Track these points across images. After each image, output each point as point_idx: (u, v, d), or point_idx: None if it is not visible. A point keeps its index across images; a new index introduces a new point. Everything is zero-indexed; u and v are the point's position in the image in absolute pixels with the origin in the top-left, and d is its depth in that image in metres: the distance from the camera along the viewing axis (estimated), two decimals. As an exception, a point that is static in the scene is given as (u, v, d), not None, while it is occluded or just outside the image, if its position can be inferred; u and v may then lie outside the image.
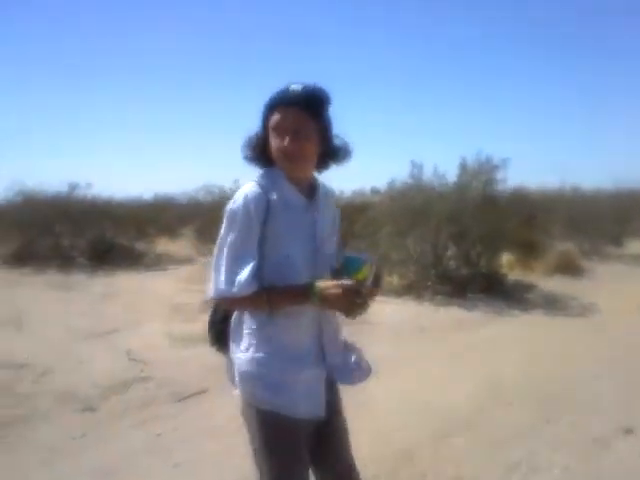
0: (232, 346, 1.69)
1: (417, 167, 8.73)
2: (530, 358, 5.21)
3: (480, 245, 8.54)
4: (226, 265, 1.55)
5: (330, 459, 1.80)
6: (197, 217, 14.86)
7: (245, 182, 1.63)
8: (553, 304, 7.81)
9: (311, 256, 1.63)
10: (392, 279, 8.36)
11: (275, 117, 1.56)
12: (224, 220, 1.58)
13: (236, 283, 1.52)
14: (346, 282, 1.47)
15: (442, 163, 9.39)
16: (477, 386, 4.39)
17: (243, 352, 1.63)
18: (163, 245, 15.28)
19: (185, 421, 3.81)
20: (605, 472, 3.00)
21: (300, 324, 1.63)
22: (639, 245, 14.38)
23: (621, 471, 3.01)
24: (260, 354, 1.60)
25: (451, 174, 8.71)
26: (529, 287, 8.87)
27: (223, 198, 11.28)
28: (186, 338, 5.82)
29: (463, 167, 8.52)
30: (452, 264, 8.57)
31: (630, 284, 9.31)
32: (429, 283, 8.23)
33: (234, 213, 1.56)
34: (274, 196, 1.57)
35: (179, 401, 4.18)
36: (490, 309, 7.42)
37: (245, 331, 1.64)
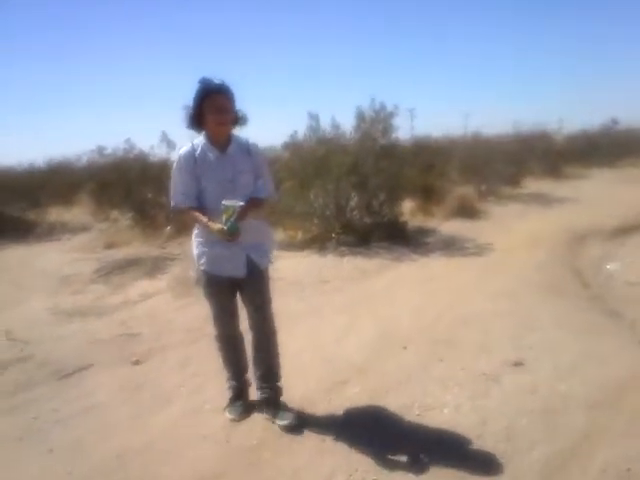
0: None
1: (314, 118, 8.52)
2: (426, 301, 5.31)
3: (382, 194, 8.57)
4: (173, 190, 2.80)
5: (250, 319, 3.01)
6: (93, 182, 13.85)
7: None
8: (451, 246, 8.05)
9: (229, 185, 2.73)
10: (295, 233, 8.26)
11: (211, 101, 2.64)
12: (173, 167, 2.81)
13: (177, 201, 2.80)
14: (217, 228, 2.61)
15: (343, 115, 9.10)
16: (373, 334, 4.40)
17: (194, 239, 2.93)
18: (57, 214, 14.21)
19: (64, 401, 3.50)
20: (494, 407, 3.07)
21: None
22: (534, 184, 15.25)
23: (509, 405, 3.10)
24: (199, 239, 2.88)
25: (349, 125, 8.58)
26: (429, 232, 9.09)
27: (118, 159, 10.55)
28: (73, 312, 5.42)
29: (359, 116, 8.40)
30: (355, 214, 8.57)
31: (523, 222, 9.82)
32: (333, 235, 8.19)
33: (176, 161, 2.80)
34: (198, 151, 2.75)
35: (59, 380, 3.86)
36: (392, 256, 7.52)
37: (195, 229, 2.92)
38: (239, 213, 2.58)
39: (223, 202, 2.57)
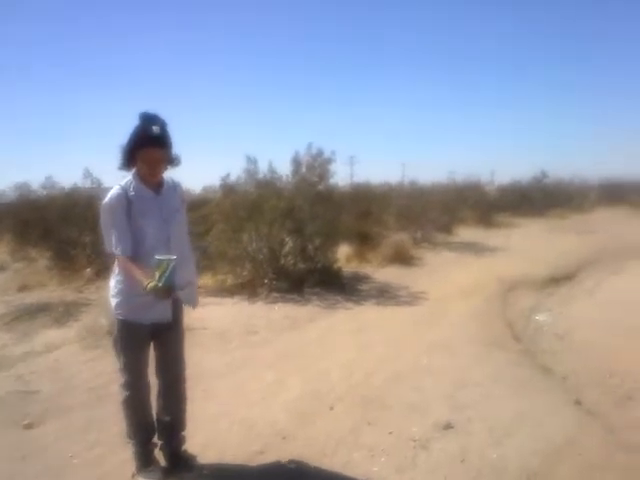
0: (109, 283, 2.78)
1: (252, 161, 8.34)
2: (358, 354, 5.06)
3: (317, 239, 8.41)
4: (114, 237, 2.60)
5: (163, 357, 2.85)
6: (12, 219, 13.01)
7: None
8: (385, 294, 7.92)
9: (162, 225, 2.67)
10: (225, 278, 7.89)
11: (146, 153, 2.60)
12: (102, 210, 2.67)
13: (124, 248, 2.59)
14: (153, 285, 2.40)
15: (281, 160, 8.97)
16: (301, 392, 4.09)
17: (113, 284, 2.73)
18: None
19: None
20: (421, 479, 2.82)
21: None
22: (466, 232, 15.62)
23: (437, 478, 2.85)
24: (121, 285, 2.69)
25: (286, 169, 8.46)
26: (364, 278, 8.96)
27: (35, 196, 9.92)
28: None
29: (296, 161, 8.29)
30: (289, 259, 8.33)
31: (456, 270, 9.89)
32: (266, 280, 7.89)
33: (105, 206, 2.65)
34: (132, 192, 2.63)
35: None
36: (325, 303, 7.29)
37: (115, 274, 2.73)
38: (173, 268, 2.42)
39: (156, 257, 2.43)
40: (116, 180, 2.77)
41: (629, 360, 5.02)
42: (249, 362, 4.91)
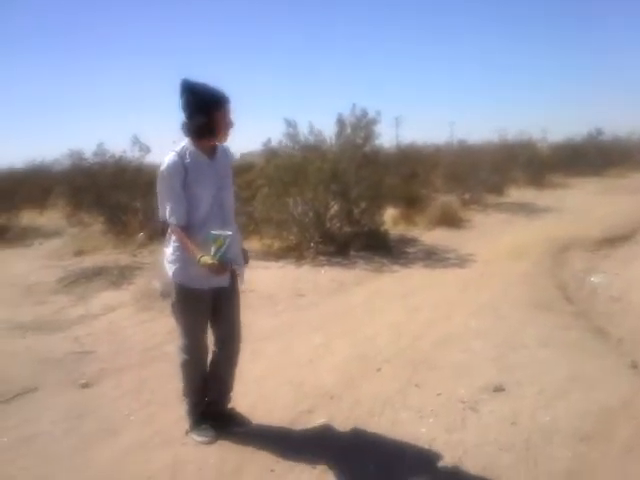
0: (166, 245, 2.75)
1: (291, 125, 8.26)
2: (405, 317, 5.04)
3: (363, 202, 8.33)
4: (169, 205, 2.58)
5: (220, 320, 2.85)
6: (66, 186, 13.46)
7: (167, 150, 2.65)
8: (433, 257, 7.82)
9: (216, 192, 2.67)
10: (272, 242, 7.96)
11: (225, 112, 2.61)
12: (159, 178, 2.62)
13: (178, 218, 2.58)
14: (209, 261, 2.43)
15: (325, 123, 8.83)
16: (349, 354, 4.11)
17: (171, 250, 2.69)
18: (31, 218, 13.77)
19: (4, 429, 3.18)
20: (471, 442, 2.79)
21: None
22: (517, 193, 15.13)
23: (487, 440, 2.82)
24: (178, 252, 2.65)
25: (329, 132, 8.34)
26: (411, 241, 8.86)
27: (87, 164, 10.19)
28: (28, 325, 5.06)
29: (340, 122, 8.15)
30: (335, 223, 8.30)
31: (506, 232, 9.64)
32: (312, 244, 7.92)
33: (162, 174, 2.60)
34: (187, 159, 2.59)
35: (0, 404, 3.53)
36: (372, 266, 7.26)
37: (173, 241, 2.68)
38: (229, 243, 2.45)
39: (212, 232, 2.44)
40: (162, 147, 2.81)
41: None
42: (296, 325, 4.98)
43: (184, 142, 2.64)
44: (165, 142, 2.78)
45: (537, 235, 8.88)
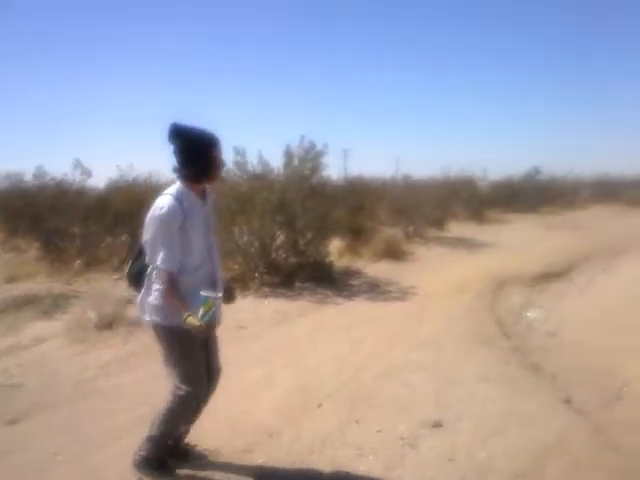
0: (147, 289, 2.60)
1: (240, 154, 8.26)
2: (348, 350, 5.03)
3: (309, 233, 8.36)
4: (164, 251, 2.45)
5: (208, 356, 2.78)
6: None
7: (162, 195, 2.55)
8: (377, 289, 7.91)
9: (206, 235, 2.63)
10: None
11: (219, 152, 2.60)
12: (155, 222, 2.48)
13: (169, 264, 2.46)
14: (197, 323, 2.37)
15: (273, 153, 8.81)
16: (290, 388, 4.06)
17: (158, 295, 2.53)
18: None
19: None
20: (408, 478, 2.80)
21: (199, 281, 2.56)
22: (458, 227, 15.62)
23: (425, 476, 2.82)
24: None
25: (277, 162, 8.40)
26: (356, 273, 8.94)
27: (26, 186, 9.82)
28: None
29: (288, 153, 8.22)
30: (280, 253, 8.28)
31: (447, 265, 9.88)
32: (256, 274, 7.85)
33: (160, 218, 2.46)
34: (185, 203, 2.50)
35: None
36: (316, 298, 7.26)
37: (158, 285, 2.52)
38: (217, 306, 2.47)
39: (202, 293, 2.41)
40: (106, 171, 2.72)
41: (619, 359, 5.02)
42: (236, 357, 4.86)
43: (176, 184, 2.57)
44: (108, 167, 2.67)
45: (477, 269, 9.16)
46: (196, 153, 2.52)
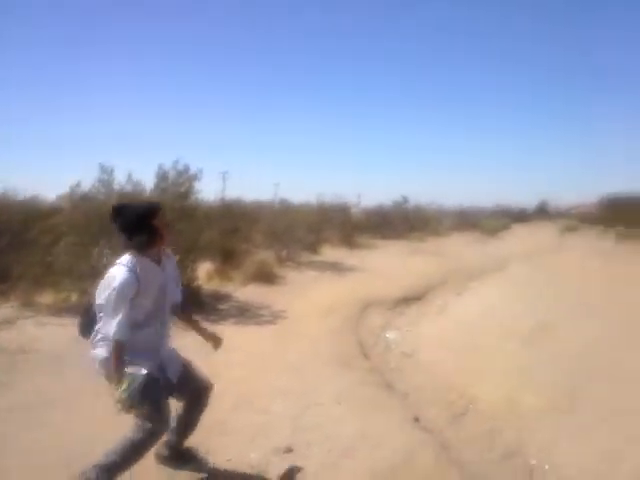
0: (95, 342, 2.73)
1: (106, 171, 7.85)
2: (211, 376, 4.90)
3: (177, 256, 8.08)
4: (117, 321, 2.59)
5: (186, 387, 2.97)
6: None
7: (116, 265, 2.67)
8: (245, 313, 7.85)
9: (160, 297, 2.76)
10: (69, 295, 7.30)
11: (160, 217, 2.73)
12: (108, 292, 2.59)
13: (120, 334, 2.59)
14: (117, 397, 2.53)
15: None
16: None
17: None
18: None
19: None
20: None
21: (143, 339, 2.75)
22: (330, 252, 16.09)
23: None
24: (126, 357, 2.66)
25: (150, 183, 8.11)
26: (225, 297, 8.81)
27: None
28: None
29: (160, 175, 7.96)
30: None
31: (317, 289, 10.10)
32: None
33: (115, 290, 2.57)
34: (139, 271, 2.62)
35: None
36: (180, 323, 7.01)
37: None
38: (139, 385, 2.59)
39: (127, 369, 2.58)
40: None
41: (467, 377, 5.41)
42: (86, 387, 4.53)
43: (128, 255, 2.67)
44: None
45: (344, 293, 9.46)
46: (139, 226, 2.64)
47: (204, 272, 9.47)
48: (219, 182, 44.83)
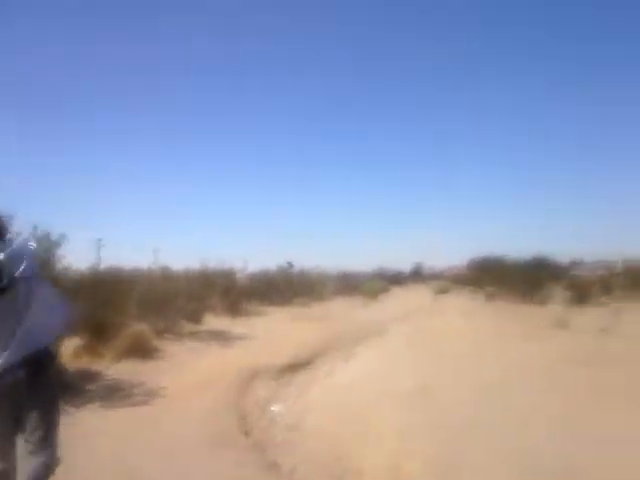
0: None
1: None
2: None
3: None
4: None
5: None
6: None
7: None
8: (116, 393, 7.14)
9: None
10: None
11: None
12: None
13: None
14: None
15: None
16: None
17: None
18: None
19: None
20: None
21: None
22: (214, 320, 15.54)
23: None
24: None
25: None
26: (93, 376, 8.00)
27: None
28: None
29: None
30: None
31: (199, 362, 9.58)
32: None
33: None
34: None
35: None
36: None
37: None
38: None
39: None
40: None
41: (352, 445, 5.31)
42: None
43: None
44: None
45: (228, 364, 9.07)
46: None
47: (70, 349, 8.60)
48: (93, 250, 42.39)
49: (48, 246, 7.41)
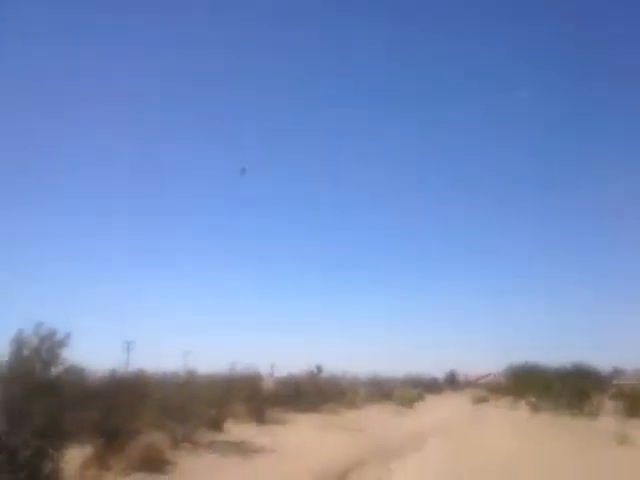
0: None
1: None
2: None
3: (37, 440, 6.51)
4: None
5: None
6: None
7: None
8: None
9: None
10: None
11: None
12: None
13: None
14: None
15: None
16: None
17: None
18: None
19: None
20: None
21: None
22: (236, 428, 14.34)
23: None
24: None
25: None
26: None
27: None
28: None
29: (18, 342, 6.69)
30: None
31: None
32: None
33: None
34: None
35: None
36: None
37: None
38: None
39: None
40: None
41: None
42: None
43: None
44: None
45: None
46: None
47: (78, 459, 7.72)
48: (123, 352, 41.61)
49: (51, 345, 6.81)
